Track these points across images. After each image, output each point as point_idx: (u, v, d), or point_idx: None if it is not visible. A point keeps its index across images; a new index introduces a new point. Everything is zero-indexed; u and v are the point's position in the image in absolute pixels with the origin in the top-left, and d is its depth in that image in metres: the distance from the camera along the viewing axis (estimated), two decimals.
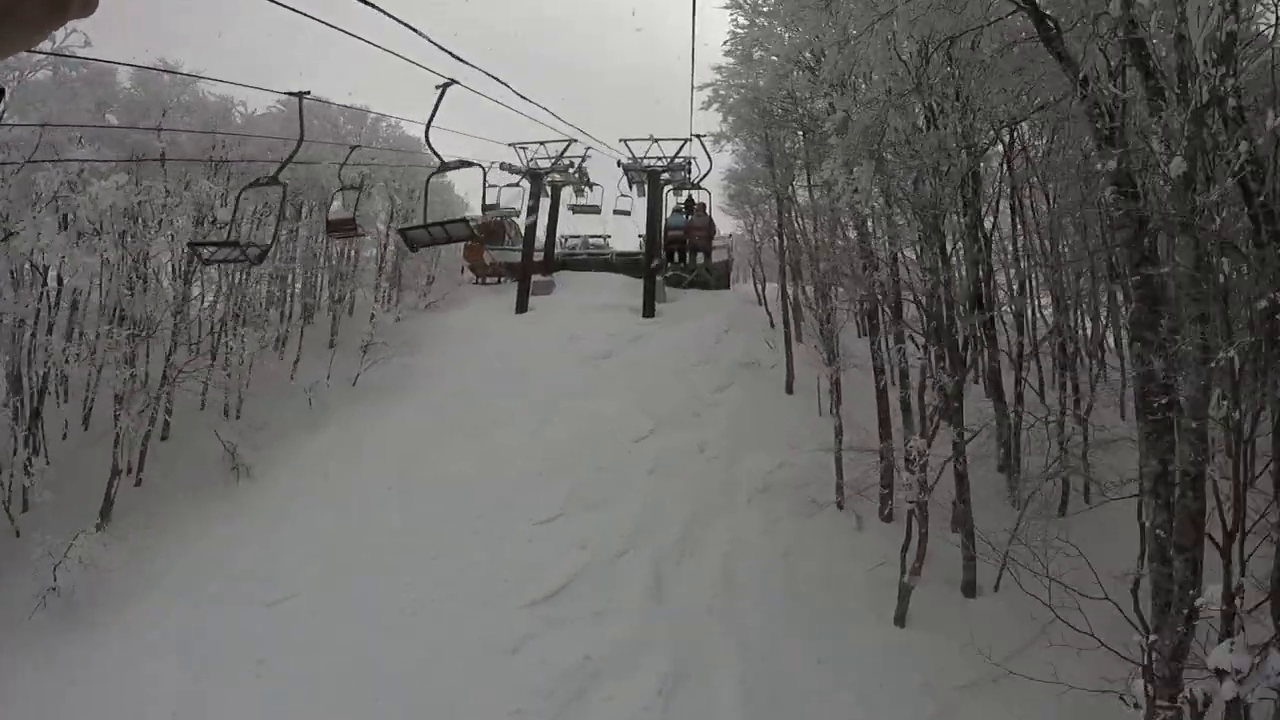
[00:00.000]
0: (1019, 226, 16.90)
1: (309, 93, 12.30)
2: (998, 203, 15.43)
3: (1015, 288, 16.60)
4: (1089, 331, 19.34)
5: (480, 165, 9.69)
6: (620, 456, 14.99)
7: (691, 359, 19.20)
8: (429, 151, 8.89)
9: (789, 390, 18.63)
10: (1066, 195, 16.26)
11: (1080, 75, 6.30)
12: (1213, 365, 5.39)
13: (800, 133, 18.51)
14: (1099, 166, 6.53)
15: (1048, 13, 6.95)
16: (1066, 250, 16.67)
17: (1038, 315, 17.76)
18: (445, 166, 8.70)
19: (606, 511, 13.38)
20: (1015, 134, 14.58)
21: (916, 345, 13.17)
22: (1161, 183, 6.22)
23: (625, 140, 24.65)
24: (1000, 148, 14.75)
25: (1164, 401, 6.22)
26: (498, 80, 8.95)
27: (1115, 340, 19.87)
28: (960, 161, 12.07)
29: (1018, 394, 15.67)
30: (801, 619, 11.16)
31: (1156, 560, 6.55)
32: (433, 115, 8.63)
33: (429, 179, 10.90)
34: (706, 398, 17.51)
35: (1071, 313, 18.17)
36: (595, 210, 26.19)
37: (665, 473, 14.42)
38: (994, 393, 15.05)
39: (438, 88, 8.38)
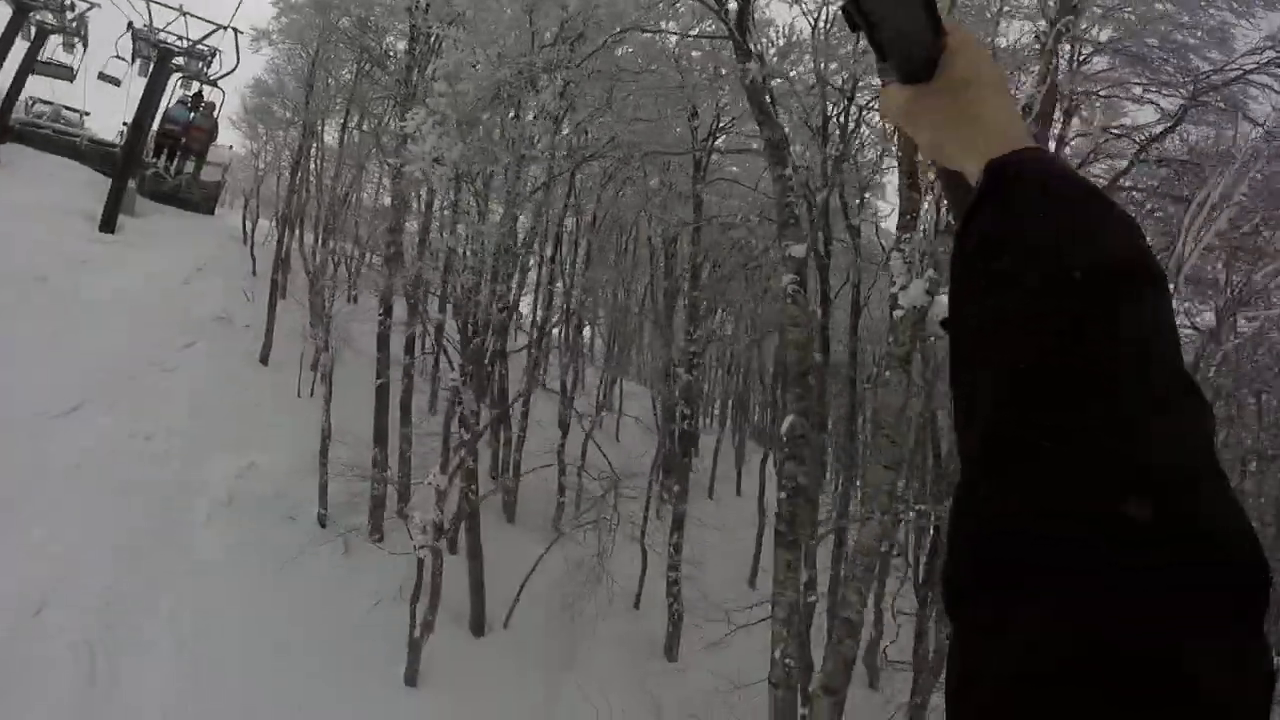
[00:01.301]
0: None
1: None
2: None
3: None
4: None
5: None
6: (28, 444, 9.79)
7: (150, 301, 14.43)
8: None
9: (264, 360, 15.40)
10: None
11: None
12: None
13: (363, 64, 15.38)
14: (786, 251, 5.79)
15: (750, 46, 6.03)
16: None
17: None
18: None
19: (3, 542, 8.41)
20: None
21: (448, 360, 11.18)
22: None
23: (150, 0, 19.15)
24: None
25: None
26: None
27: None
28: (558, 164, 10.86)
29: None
30: (290, 690, 8.38)
31: (783, 688, 6.00)
32: None
33: None
34: (161, 359, 13.11)
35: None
36: (67, 75, 20.30)
37: (95, 474, 9.82)
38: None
39: None
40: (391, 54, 14.56)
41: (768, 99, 7.15)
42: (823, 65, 11.08)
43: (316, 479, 11.54)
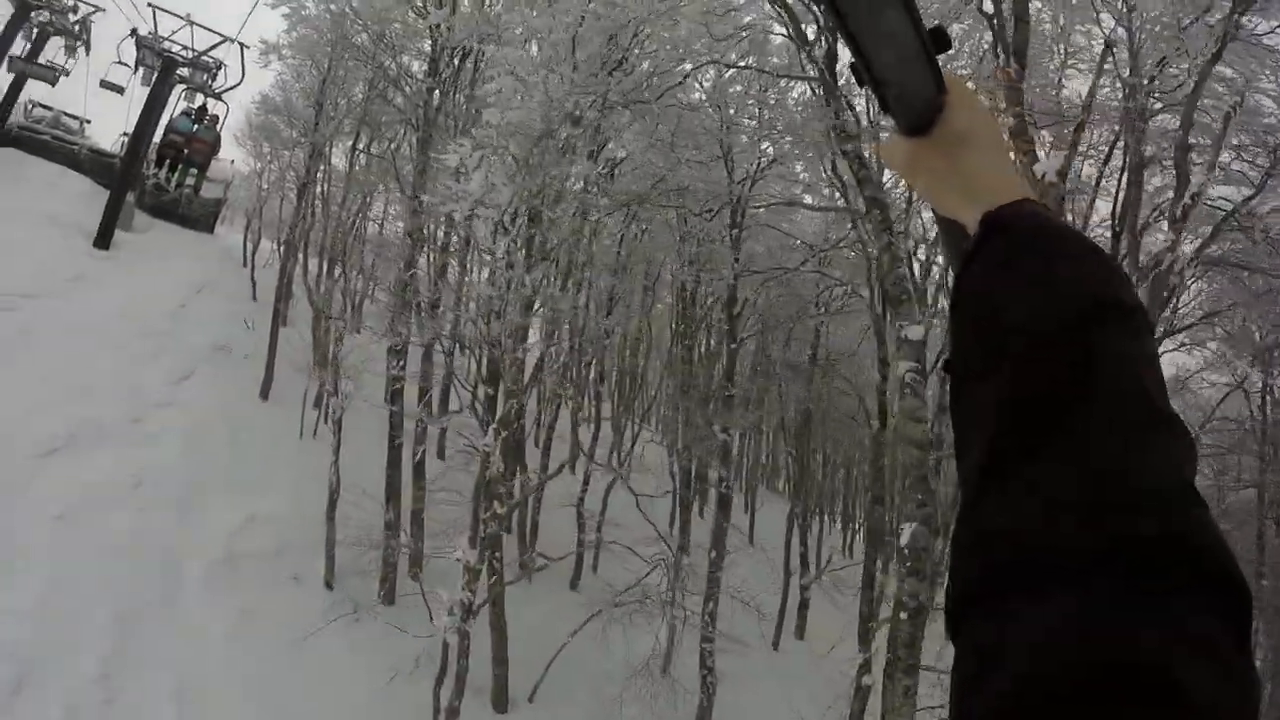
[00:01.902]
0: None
1: None
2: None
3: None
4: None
5: None
6: (11, 486, 8.83)
7: (146, 326, 13.47)
8: None
9: (265, 395, 14.45)
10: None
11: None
12: None
13: (377, 84, 14.53)
14: (901, 334, 5.16)
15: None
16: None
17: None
18: None
19: None
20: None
21: (479, 422, 9.99)
22: None
23: (156, 7, 18.39)
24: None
25: None
26: None
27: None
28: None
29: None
30: None
31: None
32: None
33: None
34: (155, 392, 12.15)
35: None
36: (50, 77, 19.02)
37: (80, 528, 8.78)
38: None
39: None
40: (408, 75, 13.77)
41: (867, 153, 6.49)
42: (874, 109, 10.57)
43: (322, 532, 10.66)
